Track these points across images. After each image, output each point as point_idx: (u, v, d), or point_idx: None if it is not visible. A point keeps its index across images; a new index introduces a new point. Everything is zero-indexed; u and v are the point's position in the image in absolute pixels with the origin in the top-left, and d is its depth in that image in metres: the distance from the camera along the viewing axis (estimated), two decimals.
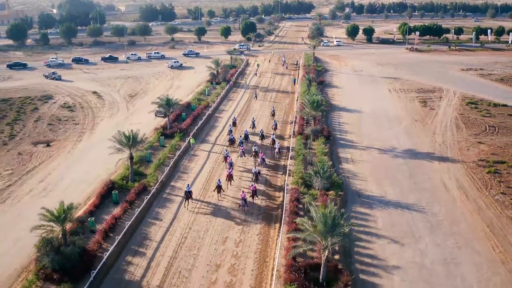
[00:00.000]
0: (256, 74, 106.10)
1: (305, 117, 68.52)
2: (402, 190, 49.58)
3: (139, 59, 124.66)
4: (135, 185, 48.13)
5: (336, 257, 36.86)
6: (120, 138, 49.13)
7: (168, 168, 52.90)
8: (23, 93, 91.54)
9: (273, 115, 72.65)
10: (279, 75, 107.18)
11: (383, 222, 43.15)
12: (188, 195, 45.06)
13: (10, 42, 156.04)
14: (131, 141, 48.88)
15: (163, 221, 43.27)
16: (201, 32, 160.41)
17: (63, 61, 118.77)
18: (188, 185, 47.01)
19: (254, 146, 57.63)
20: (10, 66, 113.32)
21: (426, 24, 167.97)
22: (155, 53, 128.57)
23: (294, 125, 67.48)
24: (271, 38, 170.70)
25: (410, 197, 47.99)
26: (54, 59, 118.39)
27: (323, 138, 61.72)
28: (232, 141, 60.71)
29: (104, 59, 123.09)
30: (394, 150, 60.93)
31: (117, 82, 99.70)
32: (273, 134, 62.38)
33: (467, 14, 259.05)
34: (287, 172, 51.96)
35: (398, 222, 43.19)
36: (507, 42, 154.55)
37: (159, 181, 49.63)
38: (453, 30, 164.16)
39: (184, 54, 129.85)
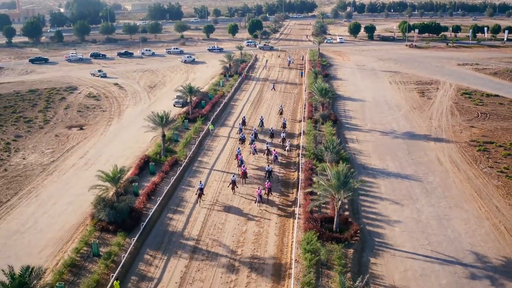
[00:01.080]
0: (265, 67, 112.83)
1: (314, 104, 75.34)
2: (402, 164, 56.42)
3: (153, 54, 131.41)
4: (168, 159, 54.94)
5: (346, 213, 43.64)
6: (154, 118, 55.81)
7: (195, 146, 59.76)
8: (48, 85, 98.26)
9: (281, 113, 73.90)
10: (287, 69, 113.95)
11: (385, 188, 49.98)
12: (201, 192, 45.96)
13: (26, 39, 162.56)
14: (164, 120, 55.59)
15: (195, 188, 50.04)
16: (209, 29, 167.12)
17: (82, 56, 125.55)
18: (200, 182, 48.28)
19: (267, 144, 58.88)
20: (32, 61, 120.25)
21: (425, 22, 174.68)
22: (174, 48, 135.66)
23: (304, 111, 74.23)
24: (277, 35, 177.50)
25: (408, 169, 54.83)
26: (74, 54, 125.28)
27: (331, 122, 68.51)
28: (242, 140, 61.37)
29: (120, 54, 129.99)
30: (394, 132, 67.75)
31: (135, 75, 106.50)
32: (283, 133, 63.09)
33: (466, 13, 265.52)
34: (300, 147, 58.88)
35: (398, 188, 50.02)
36: (503, 39, 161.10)
37: (188, 156, 56.43)
38: (451, 28, 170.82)
39: (209, 49, 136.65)
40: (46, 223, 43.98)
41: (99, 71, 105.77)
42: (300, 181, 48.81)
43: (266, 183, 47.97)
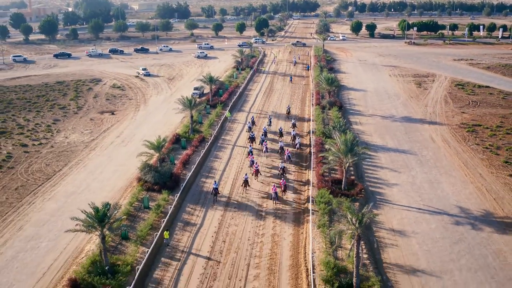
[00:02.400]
0: (274, 62, 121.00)
1: (321, 92, 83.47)
2: (399, 141, 64.57)
3: (171, 50, 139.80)
4: (196, 136, 63.16)
5: (352, 177, 51.74)
6: (184, 101, 63.97)
7: (217, 127, 67.92)
8: (74, 77, 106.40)
9: (289, 113, 75.45)
10: (293, 63, 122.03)
11: (385, 160, 58.12)
12: (216, 191, 47.05)
13: (42, 36, 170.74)
14: (192, 103, 63.74)
15: (222, 159, 58.26)
16: (218, 28, 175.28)
17: (102, 51, 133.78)
18: (215, 181, 49.29)
19: (281, 142, 60.72)
20: (56, 56, 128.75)
21: (424, 21, 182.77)
22: (205, 44, 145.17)
23: (312, 99, 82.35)
24: (282, 33, 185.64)
25: (405, 146, 62.97)
26: (94, 50, 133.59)
27: (336, 107, 76.59)
28: (252, 139, 61.84)
29: (136, 50, 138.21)
30: (393, 117, 75.88)
31: (153, 68, 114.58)
32: (293, 131, 64.92)
33: (464, 12, 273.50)
34: (311, 127, 67.05)
35: (396, 160, 58.15)
36: (497, 37, 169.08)
37: (213, 135, 64.57)
38: (448, 26, 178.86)
39: (239, 45, 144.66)
40: (98, 186, 52.06)
41: (144, 69, 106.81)
42: (312, 154, 56.95)
43: (281, 180, 49.12)
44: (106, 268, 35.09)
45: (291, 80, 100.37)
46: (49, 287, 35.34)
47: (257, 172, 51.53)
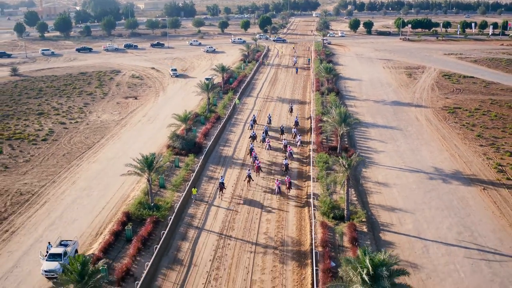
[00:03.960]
0: (278, 55, 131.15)
1: (321, 80, 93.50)
2: (388, 120, 74.60)
3: (200, 44, 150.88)
4: (212, 115, 73.19)
5: (346, 145, 61.74)
6: (202, 85, 74.05)
7: (230, 108, 77.96)
8: (94, 69, 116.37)
9: (291, 111, 76.79)
10: (295, 57, 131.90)
11: (374, 133, 68.15)
12: (222, 186, 48.91)
13: (56, 33, 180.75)
14: (209, 87, 73.81)
15: (236, 133, 68.33)
16: (224, 25, 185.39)
17: (118, 46, 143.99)
18: (221, 177, 51.40)
19: (284, 140, 62.19)
20: (78, 50, 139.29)
21: (418, 18, 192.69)
22: (238, 39, 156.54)
23: (313, 86, 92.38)
24: (284, 30, 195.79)
25: (393, 123, 72.98)
26: (111, 45, 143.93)
27: (334, 93, 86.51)
28: (253, 137, 63.13)
29: (152, 45, 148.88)
30: (384, 101, 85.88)
31: (166, 61, 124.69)
32: (294, 129, 66.79)
33: (459, 11, 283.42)
34: (311, 107, 77.04)
35: (384, 133, 68.18)
36: (488, 34, 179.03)
37: (227, 114, 74.58)
38: (441, 24, 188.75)
39: (233, 42, 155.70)
40: (133, 153, 61.26)
41: (173, 70, 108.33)
42: (312, 128, 67.00)
43: (286, 178, 50.85)
44: (152, 204, 45.12)
45: (297, 71, 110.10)
46: (106, 219, 45.30)
47: (258, 168, 53.50)
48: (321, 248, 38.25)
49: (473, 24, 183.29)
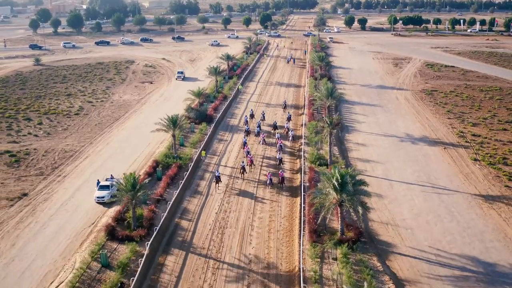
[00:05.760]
0: (277, 48, 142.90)
1: (315, 67, 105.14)
2: (371, 99, 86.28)
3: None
4: (219, 95, 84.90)
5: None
6: (211, 69, 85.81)
7: (235, 90, 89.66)
8: (110, 59, 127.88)
9: (285, 107, 78.94)
10: (293, 50, 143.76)
11: (358, 109, 79.84)
12: (218, 179, 50.61)
13: (69, 29, 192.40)
14: (217, 71, 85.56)
15: (240, 108, 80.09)
16: (226, 21, 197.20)
17: (133, 40, 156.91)
18: (217, 170, 53.18)
19: (277, 134, 64.62)
20: (97, 43, 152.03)
21: (409, 15, 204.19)
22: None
23: (308, 73, 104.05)
24: (284, 27, 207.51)
25: (375, 102, 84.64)
26: (127, 39, 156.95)
27: (326, 79, 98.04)
28: (248, 132, 65.89)
29: (173, 38, 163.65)
30: (370, 86, 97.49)
31: (175, 53, 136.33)
32: (287, 123, 69.50)
33: (452, 9, 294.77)
34: (306, 89, 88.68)
35: (366, 109, 79.84)
36: (475, 30, 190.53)
37: (232, 95, 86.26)
38: (431, 20, 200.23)
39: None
40: (153, 122, 73.50)
41: (180, 72, 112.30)
42: (305, 105, 78.67)
43: (279, 172, 52.42)
44: (175, 155, 56.76)
45: (294, 61, 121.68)
46: (140, 166, 56.85)
47: (251, 162, 55.39)
48: (308, 183, 49.79)
49: (461, 21, 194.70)
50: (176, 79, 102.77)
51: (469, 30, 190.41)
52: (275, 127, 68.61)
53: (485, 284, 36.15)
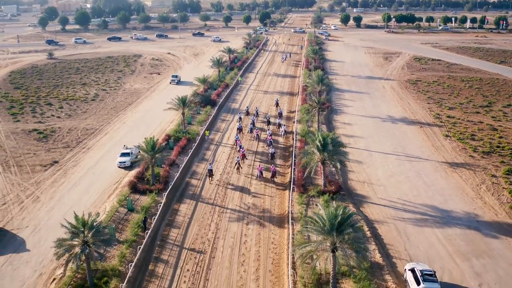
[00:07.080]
0: (275, 44, 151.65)
1: (309, 60, 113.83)
2: (360, 87, 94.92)
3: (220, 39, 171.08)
4: (222, 83, 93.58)
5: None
6: (214, 60, 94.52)
7: (236, 79, 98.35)
8: (119, 54, 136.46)
9: (277, 105, 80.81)
10: (290, 45, 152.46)
11: (347, 96, 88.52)
12: (210, 173, 52.58)
13: (76, 26, 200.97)
14: (219, 62, 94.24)
15: (241, 96, 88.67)
16: (227, 19, 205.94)
17: (145, 36, 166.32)
18: (210, 164, 55.12)
19: (269, 130, 66.44)
20: (109, 39, 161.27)
21: (403, 13, 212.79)
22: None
23: (302, 65, 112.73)
24: (282, 24, 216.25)
25: (364, 89, 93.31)
26: (141, 35, 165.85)
27: (319, 70, 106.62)
28: (240, 129, 68.00)
29: (194, 34, 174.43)
30: (360, 76, 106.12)
31: (179, 48, 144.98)
32: (279, 119, 71.88)
33: (447, 8, 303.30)
34: (301, 78, 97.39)
35: (355, 96, 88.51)
36: (466, 27, 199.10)
37: (233, 84, 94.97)
38: (424, 18, 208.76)
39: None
40: (163, 107, 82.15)
41: (174, 76, 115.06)
42: (299, 92, 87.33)
43: (271, 167, 54.07)
44: (185, 130, 65.46)
45: (290, 55, 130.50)
46: (155, 137, 65.46)
47: (243, 156, 57.63)
48: (298, 151, 58.36)
49: (453, 19, 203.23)
50: (170, 83, 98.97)
51: (440, 28, 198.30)
52: (268, 122, 71.31)
53: (440, 224, 44.71)
